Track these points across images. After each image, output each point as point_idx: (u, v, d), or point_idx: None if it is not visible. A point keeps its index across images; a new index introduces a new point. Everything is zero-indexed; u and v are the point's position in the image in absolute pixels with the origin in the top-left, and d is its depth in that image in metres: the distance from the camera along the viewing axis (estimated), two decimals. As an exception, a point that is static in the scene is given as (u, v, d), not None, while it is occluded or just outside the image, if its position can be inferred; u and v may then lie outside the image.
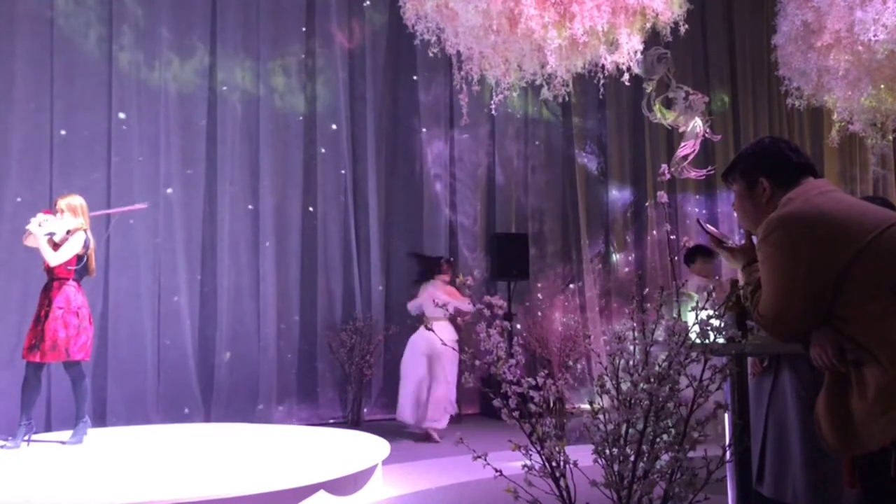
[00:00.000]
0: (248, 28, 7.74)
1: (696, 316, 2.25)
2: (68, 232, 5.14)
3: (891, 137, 7.47)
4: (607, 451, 2.21)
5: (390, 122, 8.54)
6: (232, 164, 7.57)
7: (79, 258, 5.15)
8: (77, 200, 5.28)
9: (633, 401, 2.21)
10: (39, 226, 5.06)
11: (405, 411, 6.73)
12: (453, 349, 2.97)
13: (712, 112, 8.15)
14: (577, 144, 9.30)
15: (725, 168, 2.43)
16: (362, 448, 4.94)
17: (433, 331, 3.03)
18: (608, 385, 2.26)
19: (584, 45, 5.77)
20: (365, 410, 7.71)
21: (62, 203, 5.23)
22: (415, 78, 8.56)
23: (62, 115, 6.80)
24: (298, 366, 7.75)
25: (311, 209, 7.95)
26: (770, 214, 2.14)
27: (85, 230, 5.23)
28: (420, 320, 6.94)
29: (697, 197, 9.50)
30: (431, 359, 6.71)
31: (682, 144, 6.81)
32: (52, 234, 5.10)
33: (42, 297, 5.13)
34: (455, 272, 7.31)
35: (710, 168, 7.04)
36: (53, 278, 5.11)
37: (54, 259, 5.05)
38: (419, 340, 6.78)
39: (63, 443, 5.13)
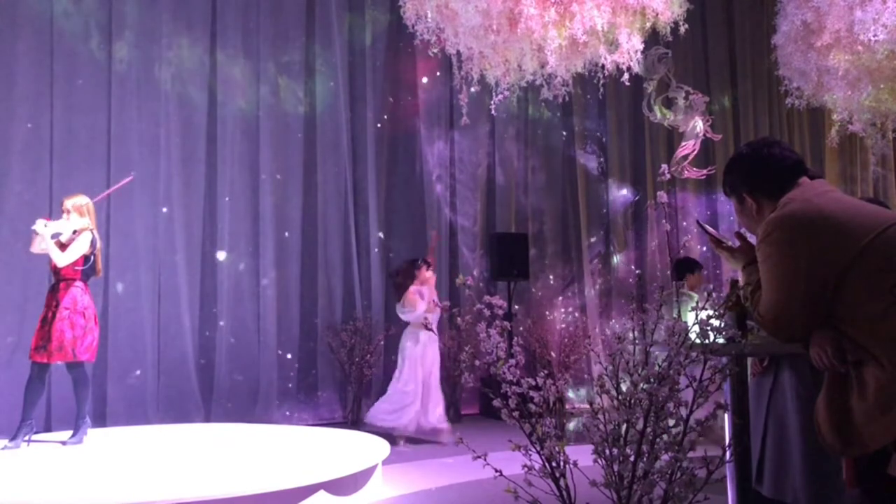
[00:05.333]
0: (248, 28, 7.74)
1: (696, 316, 2.25)
2: (74, 232, 5.15)
3: (891, 137, 7.47)
4: (607, 451, 2.21)
5: (390, 122, 8.53)
6: (232, 164, 7.57)
7: (85, 258, 5.16)
8: (83, 200, 5.29)
9: (633, 401, 2.21)
10: (45, 226, 5.06)
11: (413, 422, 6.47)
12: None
13: (712, 112, 8.15)
14: (577, 144, 9.30)
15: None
16: (362, 448, 4.94)
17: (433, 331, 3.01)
18: (608, 385, 2.26)
19: (584, 45, 5.77)
20: (365, 410, 7.70)
21: (68, 203, 5.24)
22: (415, 78, 8.56)
23: (62, 115, 6.80)
24: (298, 366, 7.75)
25: (309, 209, 7.95)
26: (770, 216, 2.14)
27: (91, 230, 5.24)
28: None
29: (697, 197, 9.50)
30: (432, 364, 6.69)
31: (682, 144, 6.82)
32: (58, 235, 5.11)
33: (49, 297, 5.13)
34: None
35: (710, 168, 7.04)
36: (60, 279, 5.11)
37: (62, 259, 5.05)
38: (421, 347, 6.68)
39: (63, 443, 5.13)
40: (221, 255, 7.43)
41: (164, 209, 7.19)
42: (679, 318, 2.31)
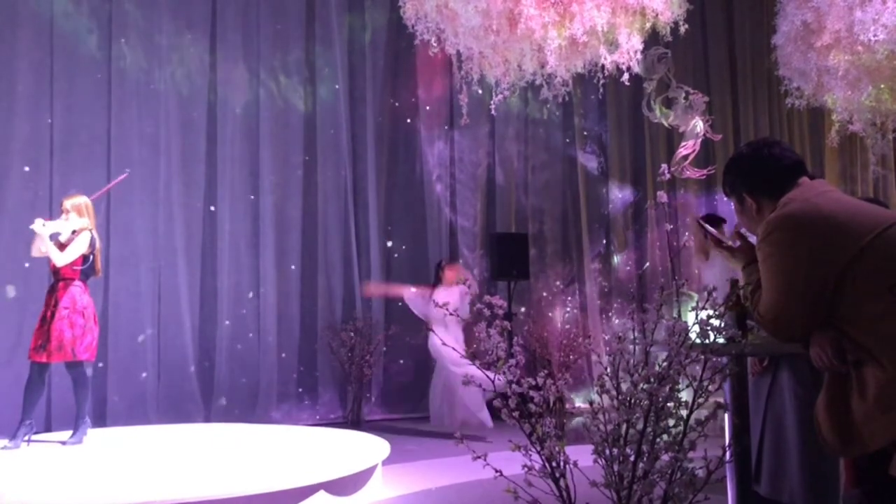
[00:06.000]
0: (248, 28, 7.74)
1: (696, 316, 2.25)
2: (73, 232, 5.16)
3: (891, 137, 7.46)
4: (607, 451, 2.21)
5: (390, 122, 8.53)
6: (232, 164, 7.57)
7: (84, 258, 5.17)
8: (82, 200, 5.30)
9: (633, 401, 2.21)
10: (43, 226, 5.06)
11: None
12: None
13: (712, 112, 8.14)
14: (577, 144, 9.30)
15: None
16: (362, 448, 4.94)
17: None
18: (608, 385, 2.26)
19: (584, 45, 5.77)
20: (365, 410, 7.71)
21: (67, 203, 5.24)
22: (415, 78, 8.56)
23: (62, 115, 6.81)
24: (298, 366, 7.75)
25: (309, 209, 7.95)
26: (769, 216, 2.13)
27: (91, 230, 5.24)
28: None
29: (697, 197, 9.50)
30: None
31: (682, 144, 6.81)
32: (57, 235, 5.12)
33: (48, 297, 5.13)
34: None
35: (710, 168, 7.03)
36: (59, 279, 5.12)
37: (61, 259, 5.06)
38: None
39: (63, 443, 5.13)
40: (221, 255, 7.41)
41: (164, 209, 7.19)
42: (679, 318, 2.31)
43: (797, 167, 2.21)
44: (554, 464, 2.24)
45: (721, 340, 2.27)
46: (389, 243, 8.39)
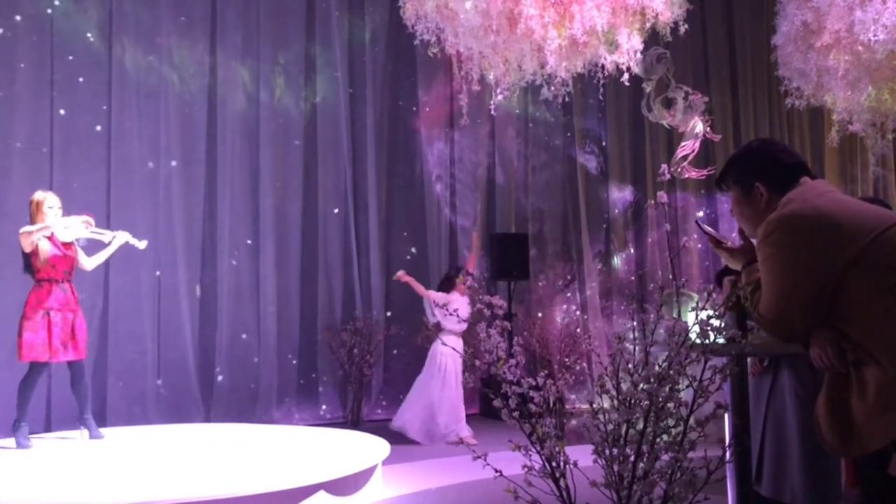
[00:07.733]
0: (248, 28, 7.74)
1: (696, 316, 2.25)
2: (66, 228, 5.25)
3: (891, 137, 7.46)
4: (607, 451, 2.22)
5: (390, 122, 8.54)
6: (232, 164, 7.57)
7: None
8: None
9: (633, 401, 2.21)
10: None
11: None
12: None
13: (712, 112, 8.13)
14: (577, 144, 9.30)
15: (718, 175, 2.41)
16: (362, 448, 4.95)
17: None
18: (608, 385, 2.26)
19: (584, 45, 5.77)
20: (365, 410, 7.71)
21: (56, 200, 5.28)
22: (415, 78, 8.57)
23: (62, 115, 6.80)
24: (298, 366, 7.75)
25: (309, 209, 7.94)
26: (769, 216, 2.13)
27: None
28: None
29: (697, 197, 9.49)
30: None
31: (682, 144, 6.81)
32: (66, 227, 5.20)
33: (67, 297, 5.16)
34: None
35: (710, 168, 7.04)
36: (70, 279, 5.21)
37: (92, 263, 5.33)
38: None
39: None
40: (221, 255, 7.41)
41: (164, 209, 7.19)
42: (679, 318, 2.31)
43: (802, 166, 2.23)
44: (554, 464, 2.24)
45: (721, 341, 2.27)
46: (386, 239, 8.37)
